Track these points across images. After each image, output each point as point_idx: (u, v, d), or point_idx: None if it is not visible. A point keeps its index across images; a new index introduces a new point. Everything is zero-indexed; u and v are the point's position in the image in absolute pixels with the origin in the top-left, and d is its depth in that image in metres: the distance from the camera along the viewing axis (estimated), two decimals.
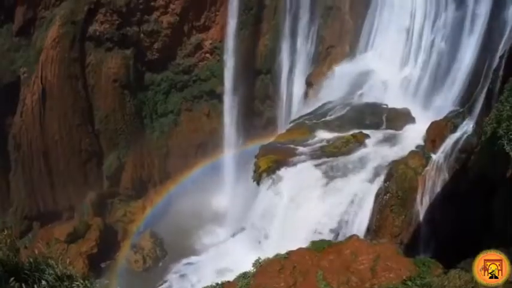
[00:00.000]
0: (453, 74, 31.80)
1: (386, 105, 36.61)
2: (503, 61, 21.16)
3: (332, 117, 37.70)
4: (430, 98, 34.00)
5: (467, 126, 26.62)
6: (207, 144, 51.88)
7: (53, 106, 46.50)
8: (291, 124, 39.75)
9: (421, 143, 30.86)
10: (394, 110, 35.67)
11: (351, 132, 34.13)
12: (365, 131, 34.15)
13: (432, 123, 30.42)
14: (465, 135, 26.26)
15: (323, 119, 37.58)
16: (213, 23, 49.78)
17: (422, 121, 32.38)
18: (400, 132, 33.95)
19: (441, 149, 28.44)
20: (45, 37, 46.03)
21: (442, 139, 28.69)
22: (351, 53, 42.74)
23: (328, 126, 36.26)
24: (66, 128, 47.26)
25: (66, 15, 45.69)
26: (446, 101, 31.85)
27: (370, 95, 38.26)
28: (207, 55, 50.88)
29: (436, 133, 29.66)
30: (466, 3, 30.94)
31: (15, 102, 46.88)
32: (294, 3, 46.09)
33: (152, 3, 48.15)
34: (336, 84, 40.97)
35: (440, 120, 29.82)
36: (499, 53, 23.91)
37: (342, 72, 41.50)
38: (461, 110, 28.75)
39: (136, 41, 48.79)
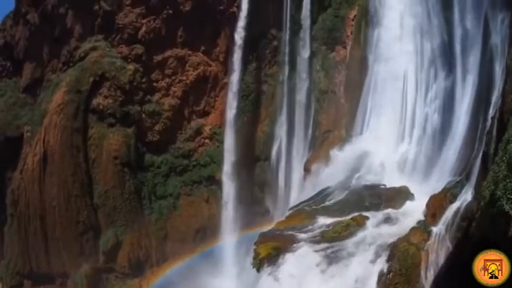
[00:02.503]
0: (448, 143, 32.27)
1: (385, 185, 36.64)
2: (495, 121, 21.52)
3: (331, 202, 37.53)
4: (427, 172, 34.18)
5: (466, 194, 26.43)
6: (205, 229, 51.59)
7: (53, 172, 47.08)
8: (290, 211, 39.55)
9: (422, 218, 30.43)
10: (392, 189, 35.64)
11: (351, 216, 33.82)
12: (365, 213, 33.80)
13: (431, 197, 30.24)
14: (465, 203, 25.95)
15: (322, 205, 37.33)
16: (212, 109, 51.55)
17: (422, 196, 32.13)
18: (400, 210, 33.68)
19: (442, 221, 28.02)
20: (50, 101, 47.69)
21: (442, 211, 28.37)
22: (347, 136, 43.53)
23: (327, 211, 35.96)
24: (65, 196, 47.37)
25: (72, 83, 47.67)
26: (443, 172, 31.95)
27: (368, 177, 38.40)
28: (207, 140, 52.08)
29: (436, 206, 29.43)
30: (454, 70, 32.18)
31: (17, 157, 47.38)
32: (290, 89, 47.82)
33: (154, 84, 50.29)
34: (334, 169, 41.29)
35: (439, 192, 29.65)
36: (490, 114, 24.40)
37: (339, 157, 42.00)
38: (459, 178, 28.78)
39: (138, 120, 50.38)
